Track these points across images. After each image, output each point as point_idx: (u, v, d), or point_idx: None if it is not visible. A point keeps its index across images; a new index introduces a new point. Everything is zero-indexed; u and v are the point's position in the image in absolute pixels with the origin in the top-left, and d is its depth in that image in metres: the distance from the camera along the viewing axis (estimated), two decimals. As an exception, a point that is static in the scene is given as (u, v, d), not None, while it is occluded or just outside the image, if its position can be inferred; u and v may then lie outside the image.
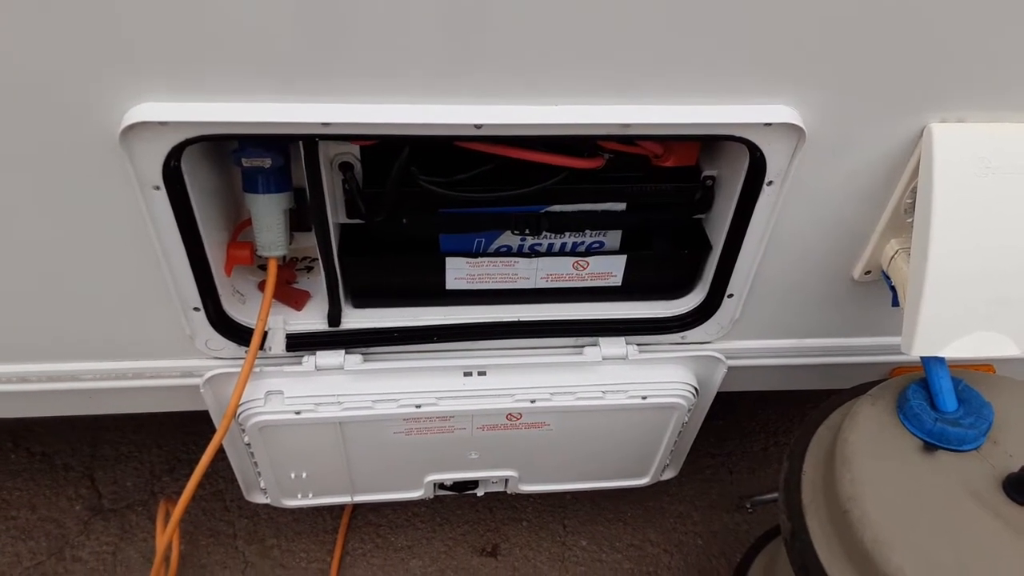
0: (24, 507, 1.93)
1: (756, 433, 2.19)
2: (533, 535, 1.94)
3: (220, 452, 1.32)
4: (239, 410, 1.31)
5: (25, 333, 1.27)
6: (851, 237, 1.26)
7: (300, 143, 1.06)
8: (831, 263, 1.30)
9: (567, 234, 1.31)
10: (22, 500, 1.94)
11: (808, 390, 1.58)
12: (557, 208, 1.26)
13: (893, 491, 1.07)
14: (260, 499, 1.61)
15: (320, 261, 1.23)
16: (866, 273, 1.31)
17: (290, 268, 1.40)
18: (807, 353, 1.47)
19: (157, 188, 1.03)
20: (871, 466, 1.10)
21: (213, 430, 1.30)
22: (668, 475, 1.72)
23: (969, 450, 1.11)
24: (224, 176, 1.25)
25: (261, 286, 1.34)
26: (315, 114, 0.98)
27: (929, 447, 1.12)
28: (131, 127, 0.95)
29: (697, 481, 2.06)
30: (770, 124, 1.05)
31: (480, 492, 1.66)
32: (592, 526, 1.96)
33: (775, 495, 1.26)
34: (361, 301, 1.35)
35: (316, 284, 1.37)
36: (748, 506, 1.99)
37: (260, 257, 1.27)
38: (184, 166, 1.04)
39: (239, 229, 1.31)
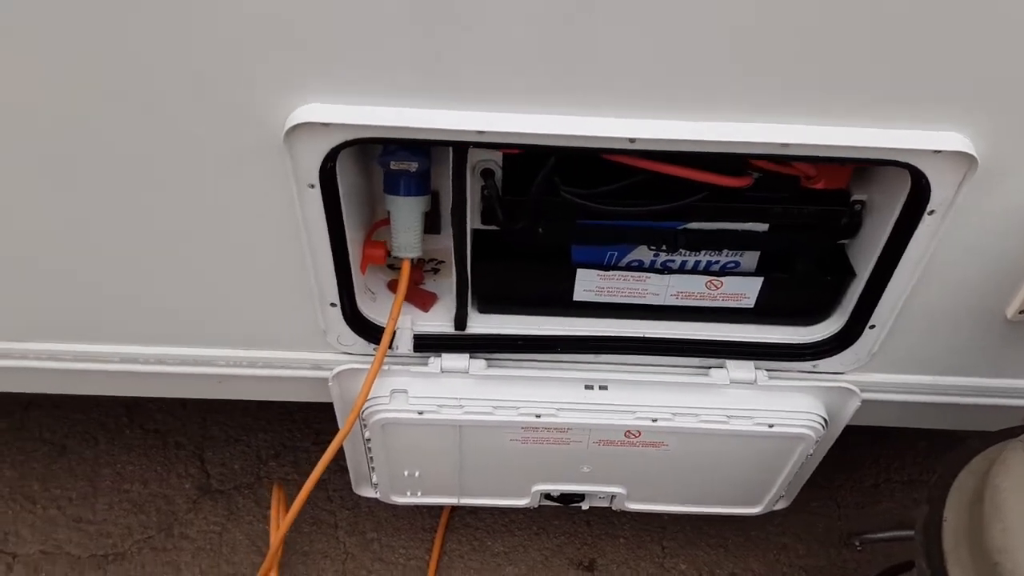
0: (137, 481, 2.00)
1: (867, 467, 2.10)
2: (631, 553, 1.91)
3: (326, 442, 1.33)
4: (363, 406, 1.33)
5: (169, 318, 1.32)
6: (1009, 273, 1.19)
7: (450, 149, 1.07)
8: (984, 299, 1.24)
9: (703, 252, 1.28)
10: (135, 474, 2.02)
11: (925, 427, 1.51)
12: (696, 225, 1.23)
13: (1050, 547, 1.01)
14: (368, 493, 1.63)
15: (453, 264, 1.24)
16: (1021, 312, 1.23)
17: (419, 270, 1.41)
18: (948, 391, 1.39)
19: (312, 187, 1.06)
20: (1026, 518, 1.04)
21: (318, 419, 1.32)
22: (780, 506, 1.66)
23: None
24: (365, 176, 1.28)
25: (390, 285, 1.36)
26: (472, 122, 0.98)
27: (1091, 502, 1.04)
28: (295, 127, 0.98)
29: (803, 513, 1.98)
30: (939, 151, 1.00)
31: (585, 506, 1.64)
32: (692, 550, 1.92)
33: (888, 534, 1.20)
34: (487, 306, 1.35)
35: (441, 286, 1.38)
36: (857, 543, 1.91)
37: (391, 257, 1.28)
38: (337, 166, 1.06)
39: (373, 229, 1.33)
